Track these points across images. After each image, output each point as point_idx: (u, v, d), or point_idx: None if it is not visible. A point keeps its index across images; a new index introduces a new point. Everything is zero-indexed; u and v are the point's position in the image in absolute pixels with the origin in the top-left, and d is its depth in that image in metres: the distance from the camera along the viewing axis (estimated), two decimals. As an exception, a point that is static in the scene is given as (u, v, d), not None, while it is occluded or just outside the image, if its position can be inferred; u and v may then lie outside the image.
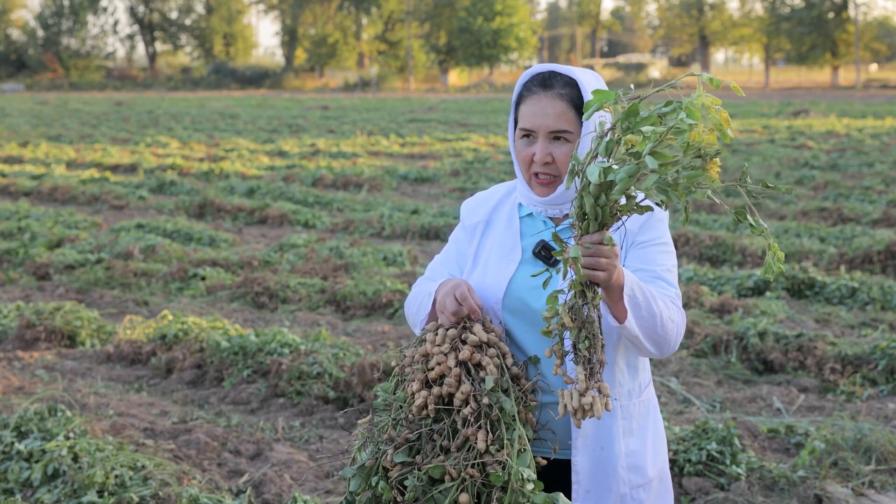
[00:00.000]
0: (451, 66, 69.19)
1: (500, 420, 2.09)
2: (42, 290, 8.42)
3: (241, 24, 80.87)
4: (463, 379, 2.11)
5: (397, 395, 2.20)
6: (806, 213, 11.22)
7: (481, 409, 2.08)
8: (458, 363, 2.13)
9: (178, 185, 14.82)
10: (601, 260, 1.96)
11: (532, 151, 2.25)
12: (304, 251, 9.35)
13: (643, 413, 2.32)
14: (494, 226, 2.38)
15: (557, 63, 2.38)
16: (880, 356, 5.76)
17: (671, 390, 5.62)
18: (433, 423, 2.12)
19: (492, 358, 2.16)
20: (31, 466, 4.15)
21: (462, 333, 2.18)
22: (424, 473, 2.05)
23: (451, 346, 2.16)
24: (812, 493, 4.15)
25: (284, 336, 6.00)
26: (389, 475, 2.09)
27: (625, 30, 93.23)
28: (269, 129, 27.64)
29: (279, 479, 4.39)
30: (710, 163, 1.86)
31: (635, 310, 2.08)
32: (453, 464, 2.04)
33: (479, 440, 2.04)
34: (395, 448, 2.10)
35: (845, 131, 22.74)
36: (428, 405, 2.12)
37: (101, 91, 64.30)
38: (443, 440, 2.09)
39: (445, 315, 2.20)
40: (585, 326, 1.99)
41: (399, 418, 2.16)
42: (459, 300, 2.18)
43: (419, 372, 2.16)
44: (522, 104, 2.26)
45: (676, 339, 2.19)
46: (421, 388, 2.14)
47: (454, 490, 2.03)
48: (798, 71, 73.70)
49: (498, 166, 16.89)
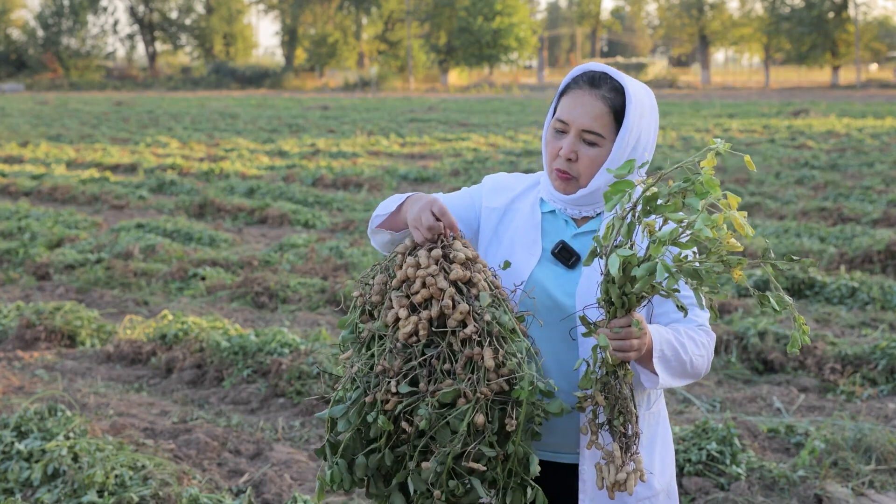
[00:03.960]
0: (451, 66, 69.15)
1: (500, 334, 2.02)
2: (42, 289, 8.42)
3: (241, 24, 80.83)
4: (457, 299, 2.02)
5: (377, 326, 2.09)
6: (806, 212, 11.22)
7: (483, 326, 2.01)
8: (450, 283, 2.03)
9: (178, 184, 14.82)
10: (632, 342, 1.97)
11: (560, 145, 2.22)
12: (304, 251, 9.35)
13: (653, 425, 2.29)
14: (514, 217, 2.32)
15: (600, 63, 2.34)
16: (880, 356, 5.76)
17: (671, 390, 5.62)
18: (425, 347, 2.03)
19: (480, 273, 2.08)
20: (31, 466, 4.15)
21: (446, 253, 2.07)
22: (436, 400, 1.97)
23: (439, 266, 2.05)
24: (812, 493, 4.15)
25: (284, 336, 6.00)
26: (387, 408, 2.00)
27: (625, 30, 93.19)
28: (269, 128, 27.63)
29: (279, 479, 4.39)
30: (733, 269, 1.88)
31: (666, 365, 2.10)
32: (466, 384, 1.96)
33: (486, 358, 1.97)
34: (396, 378, 2.00)
35: (845, 131, 22.74)
36: (419, 330, 2.02)
37: (101, 91, 64.29)
38: (443, 364, 2.00)
39: (420, 230, 2.08)
40: (619, 402, 2.01)
41: (387, 348, 2.04)
42: (438, 215, 2.08)
43: (402, 298, 2.06)
44: (566, 96, 2.23)
45: (706, 367, 2.20)
46: (408, 313, 2.05)
47: (470, 412, 1.96)
48: (798, 71, 73.67)
49: (498, 166, 16.88)
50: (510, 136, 23.14)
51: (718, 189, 1.85)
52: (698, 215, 1.84)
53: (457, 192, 2.43)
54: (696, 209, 1.85)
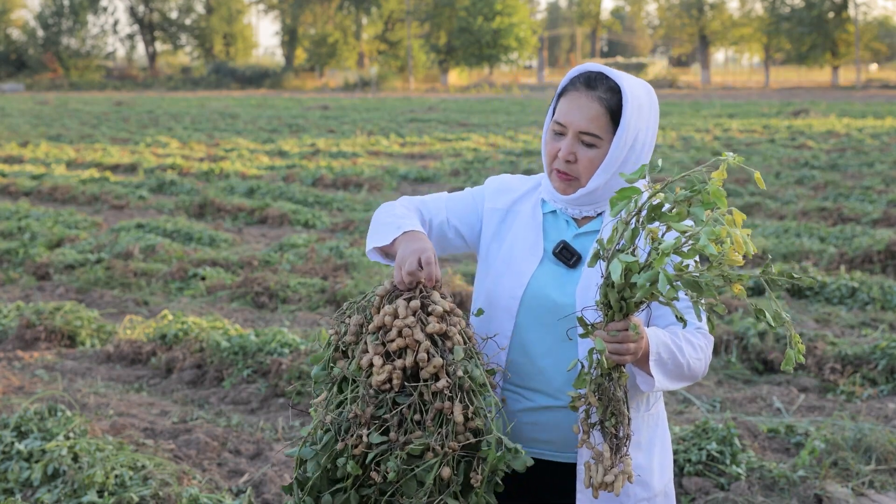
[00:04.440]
0: (451, 66, 69.16)
1: (471, 388, 2.04)
2: (42, 289, 8.42)
3: (241, 24, 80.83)
4: (432, 352, 2.04)
5: (351, 369, 2.10)
6: (806, 212, 11.22)
7: (455, 381, 2.02)
8: (426, 336, 2.04)
9: (178, 184, 14.82)
10: (628, 346, 1.98)
11: (558, 146, 2.23)
12: (304, 251, 9.35)
13: (651, 426, 2.29)
14: (516, 218, 2.34)
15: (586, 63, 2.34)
16: (880, 356, 5.76)
17: (671, 391, 5.62)
18: (396, 395, 2.04)
19: (455, 325, 2.09)
20: (31, 466, 4.15)
21: (424, 304, 2.08)
22: (405, 452, 1.99)
23: (417, 318, 2.05)
24: (812, 493, 4.15)
25: (284, 336, 6.00)
26: (355, 453, 2.01)
27: (625, 30, 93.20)
28: (269, 128, 27.63)
29: (279, 479, 4.39)
30: (733, 284, 1.88)
31: (662, 368, 2.10)
32: (435, 439, 1.98)
33: (456, 413, 1.99)
34: (367, 427, 2.02)
35: (845, 131, 22.74)
36: (393, 379, 2.03)
37: (101, 91, 64.29)
38: (413, 414, 2.01)
39: (402, 272, 2.09)
40: (612, 404, 2.01)
41: (360, 394, 2.05)
42: (423, 264, 2.09)
43: (377, 345, 2.07)
44: (563, 97, 2.24)
45: (704, 369, 2.21)
46: (383, 361, 2.05)
47: (437, 465, 1.98)
48: (798, 71, 73.67)
49: (498, 166, 16.89)
50: (510, 136, 23.14)
51: (725, 202, 1.86)
52: (702, 227, 1.84)
53: (459, 192, 2.44)
54: (701, 220, 1.85)
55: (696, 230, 1.85)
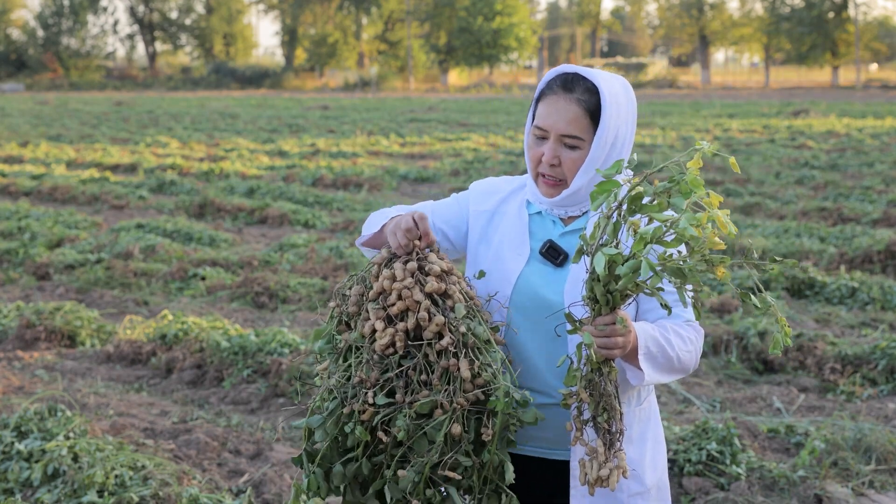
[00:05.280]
0: (451, 66, 69.18)
1: (475, 345, 2.04)
2: (42, 290, 8.42)
3: (241, 24, 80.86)
4: (433, 311, 2.05)
5: (354, 337, 2.11)
6: (806, 212, 11.22)
7: (458, 338, 2.03)
8: (425, 296, 2.06)
9: (178, 184, 14.82)
10: (616, 339, 1.98)
11: (541, 151, 2.25)
12: (304, 251, 9.35)
13: (643, 421, 2.30)
14: (502, 219, 2.36)
15: (569, 63, 2.35)
16: (880, 356, 5.76)
17: (671, 390, 5.62)
18: (401, 359, 2.05)
19: (455, 284, 2.10)
20: (31, 466, 4.16)
21: (422, 266, 2.09)
22: (413, 411, 1.99)
23: (415, 279, 2.07)
24: (812, 493, 4.15)
25: (284, 336, 6.00)
26: (364, 418, 2.01)
27: (625, 30, 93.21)
28: (269, 128, 27.63)
29: (279, 479, 4.39)
30: (716, 267, 1.89)
31: (652, 362, 2.10)
32: (443, 395, 1.99)
33: (462, 369, 1.99)
34: (373, 390, 2.02)
35: (845, 131, 22.74)
36: (396, 342, 2.04)
37: (101, 91, 64.29)
38: (419, 375, 2.02)
39: (398, 235, 2.12)
40: (603, 399, 2.02)
41: (364, 359, 2.07)
42: (416, 220, 2.12)
43: (378, 310, 2.08)
44: (542, 101, 2.26)
45: (695, 362, 2.21)
46: (385, 325, 2.06)
47: (447, 422, 1.98)
48: (798, 71, 73.67)
49: (498, 166, 16.89)
50: (510, 136, 23.14)
51: (702, 188, 1.88)
52: (682, 214, 1.86)
53: (444, 199, 2.47)
54: (681, 208, 1.87)
55: (677, 217, 1.87)
